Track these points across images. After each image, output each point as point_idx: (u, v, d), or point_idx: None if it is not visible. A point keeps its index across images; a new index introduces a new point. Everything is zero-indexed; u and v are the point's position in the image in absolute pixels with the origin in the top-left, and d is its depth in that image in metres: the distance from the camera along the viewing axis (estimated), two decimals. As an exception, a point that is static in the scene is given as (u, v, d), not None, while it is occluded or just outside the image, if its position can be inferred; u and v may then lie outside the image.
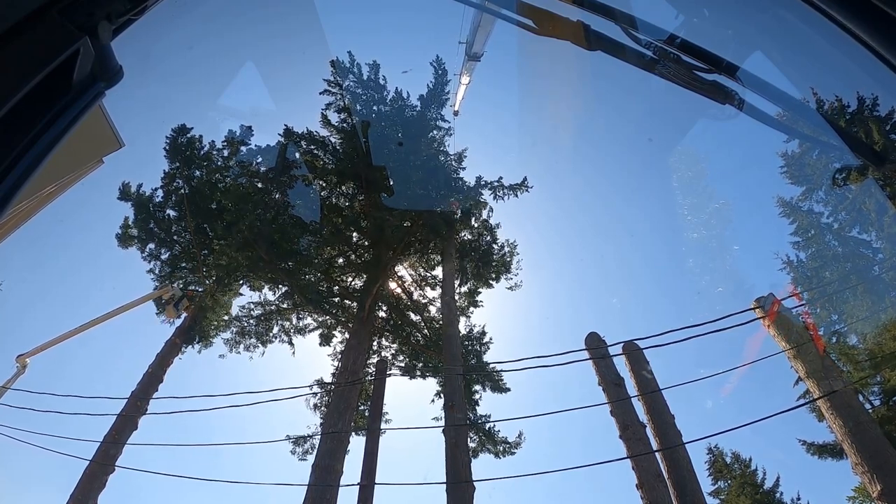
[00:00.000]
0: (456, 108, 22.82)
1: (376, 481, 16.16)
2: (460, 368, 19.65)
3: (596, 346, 15.49)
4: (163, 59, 19.88)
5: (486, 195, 21.29)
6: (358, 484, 15.82)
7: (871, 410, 16.85)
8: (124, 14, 1.45)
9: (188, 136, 20.61)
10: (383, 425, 19.35)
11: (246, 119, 21.53)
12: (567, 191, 34.53)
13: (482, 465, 19.90)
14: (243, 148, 20.80)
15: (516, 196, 21.44)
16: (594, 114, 25.36)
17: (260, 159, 20.56)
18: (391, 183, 19.74)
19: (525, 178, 21.51)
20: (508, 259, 21.55)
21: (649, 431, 14.03)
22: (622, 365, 15.37)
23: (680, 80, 2.00)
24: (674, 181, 28.56)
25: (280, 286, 20.39)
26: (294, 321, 21.42)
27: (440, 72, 20.62)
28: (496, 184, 21.28)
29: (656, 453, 13.52)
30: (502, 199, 21.34)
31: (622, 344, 15.49)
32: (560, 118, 24.53)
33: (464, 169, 21.69)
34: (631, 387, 14.81)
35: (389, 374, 18.53)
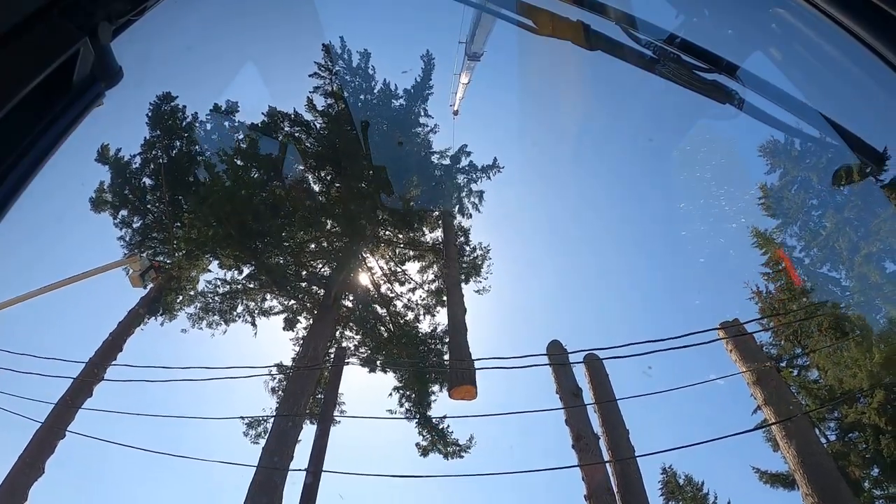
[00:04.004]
0: (455, 108, 22.42)
1: (324, 469, 15.85)
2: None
3: (557, 354, 15.07)
4: (162, 58, 19.56)
5: (461, 180, 20.80)
6: (305, 470, 15.37)
7: (826, 445, 16.52)
8: (124, 14, 1.43)
9: (172, 104, 19.98)
10: (337, 414, 18.83)
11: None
12: (562, 191, 34.19)
13: (429, 465, 19.24)
14: (227, 123, 20.19)
15: (489, 178, 20.96)
16: (594, 114, 25.05)
17: (242, 136, 19.92)
18: (370, 173, 19.14)
19: (495, 159, 21.12)
20: (480, 262, 20.90)
21: (603, 444, 13.59)
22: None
23: (680, 79, 1.98)
24: (673, 181, 28.29)
25: (247, 265, 19.59)
26: (259, 302, 20.58)
27: (428, 66, 20.15)
28: (468, 167, 20.84)
29: (607, 465, 13.12)
30: (475, 182, 20.87)
31: (584, 354, 15.04)
32: (559, 118, 24.26)
33: (447, 161, 21.18)
34: (588, 398, 14.46)
35: (347, 363, 17.93)
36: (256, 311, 20.60)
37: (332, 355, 17.91)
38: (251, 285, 20.18)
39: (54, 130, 1.24)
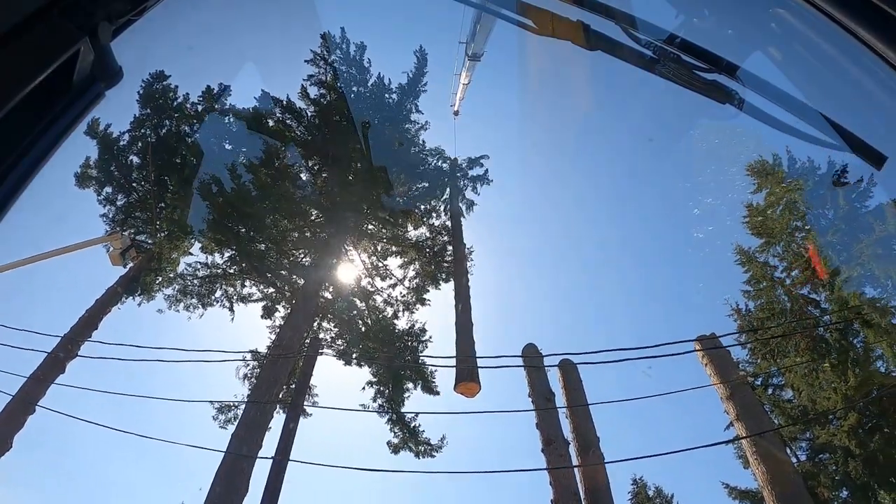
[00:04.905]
0: (455, 109, 22.08)
1: (291, 457, 15.59)
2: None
3: (532, 356, 14.77)
4: (162, 57, 19.46)
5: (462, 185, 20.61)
6: (272, 458, 15.08)
7: (796, 464, 16.23)
8: (124, 14, 1.41)
9: (164, 83, 19.54)
10: (309, 405, 18.44)
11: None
12: (555, 192, 33.93)
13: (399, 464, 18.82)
14: (218, 106, 19.77)
15: (476, 192, 20.83)
16: (592, 114, 24.82)
17: (232, 119, 19.54)
18: (359, 165, 18.79)
19: (486, 171, 21.04)
20: (462, 262, 20.39)
21: (573, 450, 13.24)
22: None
23: (680, 79, 1.97)
24: (673, 183, 28.16)
25: (228, 249, 19.13)
26: (238, 288, 20.08)
27: (421, 62, 19.90)
28: (459, 174, 20.57)
29: (575, 471, 12.78)
30: (464, 190, 20.63)
31: (560, 358, 14.74)
32: (558, 119, 24.09)
33: (446, 160, 21.01)
34: (561, 403, 14.18)
35: (321, 353, 17.59)
36: (235, 297, 20.12)
37: (307, 345, 17.58)
38: (231, 270, 19.72)
39: (54, 130, 1.22)
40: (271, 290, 19.84)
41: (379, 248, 20.48)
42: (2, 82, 1.06)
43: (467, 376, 13.45)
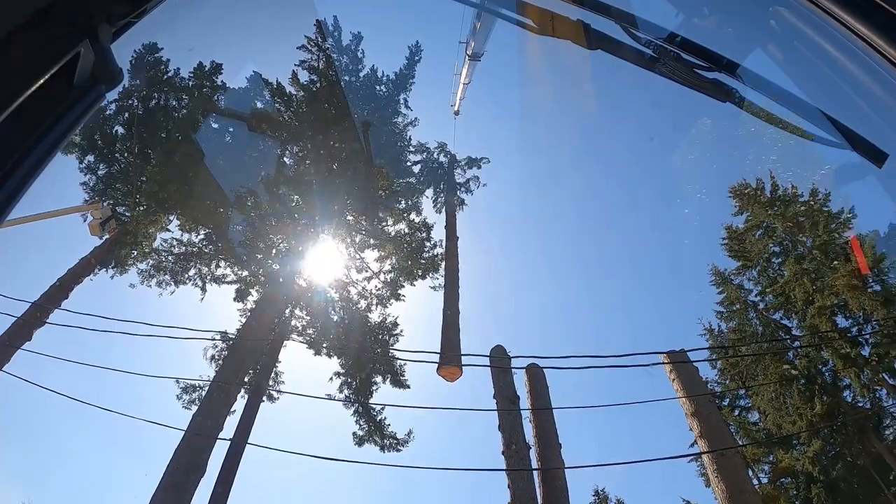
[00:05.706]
0: (456, 109, 21.88)
1: (249, 441, 15.26)
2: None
3: (500, 358, 14.44)
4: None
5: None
6: (229, 439, 14.73)
7: (758, 486, 15.98)
8: (125, 16, 1.39)
9: (156, 56, 19.07)
10: (275, 392, 18.08)
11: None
12: (546, 193, 33.73)
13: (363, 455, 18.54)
14: (209, 83, 19.34)
15: (470, 193, 20.77)
16: (593, 114, 24.68)
17: (222, 99, 19.13)
18: (345, 156, 18.40)
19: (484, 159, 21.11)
20: (439, 260, 20.01)
21: (534, 455, 12.89)
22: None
23: (680, 78, 1.96)
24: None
25: (206, 228, 18.63)
26: (212, 268, 19.54)
27: (413, 56, 19.65)
28: (457, 170, 20.57)
29: (535, 477, 12.43)
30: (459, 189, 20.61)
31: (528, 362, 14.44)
32: (556, 119, 23.97)
33: (427, 155, 20.88)
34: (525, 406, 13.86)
35: (290, 339, 17.29)
36: (208, 277, 19.54)
37: (276, 330, 17.22)
38: (207, 249, 19.20)
39: (55, 133, 1.18)
40: (245, 273, 19.32)
41: (357, 240, 20.04)
42: (2, 85, 1.04)
43: (453, 361, 14.08)
